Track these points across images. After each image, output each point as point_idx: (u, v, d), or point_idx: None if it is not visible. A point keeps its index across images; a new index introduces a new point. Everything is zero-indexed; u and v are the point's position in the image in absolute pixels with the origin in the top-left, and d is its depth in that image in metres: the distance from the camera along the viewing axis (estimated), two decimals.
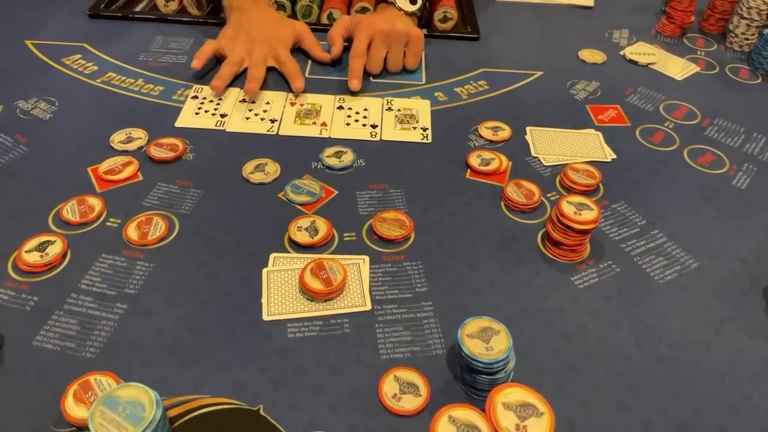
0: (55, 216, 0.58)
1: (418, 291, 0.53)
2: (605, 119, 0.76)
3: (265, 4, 0.86)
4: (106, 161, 0.64)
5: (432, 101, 0.78)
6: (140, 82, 0.78)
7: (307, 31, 0.85)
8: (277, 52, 0.79)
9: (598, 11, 1.03)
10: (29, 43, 0.84)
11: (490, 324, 0.44)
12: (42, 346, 0.47)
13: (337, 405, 0.44)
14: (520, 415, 0.41)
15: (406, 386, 0.45)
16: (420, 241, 0.58)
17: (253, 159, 0.66)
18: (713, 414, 0.45)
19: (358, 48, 0.78)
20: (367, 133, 0.71)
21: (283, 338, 0.49)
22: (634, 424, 0.44)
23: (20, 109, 0.72)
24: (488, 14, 0.99)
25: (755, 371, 0.48)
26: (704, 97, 0.81)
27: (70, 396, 0.42)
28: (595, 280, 0.55)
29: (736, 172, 0.68)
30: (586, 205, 0.55)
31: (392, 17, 0.81)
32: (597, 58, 0.88)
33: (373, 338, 0.49)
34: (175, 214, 0.59)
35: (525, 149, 0.70)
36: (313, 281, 0.51)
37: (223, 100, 0.75)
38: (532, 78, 0.84)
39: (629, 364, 0.48)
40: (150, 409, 0.37)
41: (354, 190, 0.63)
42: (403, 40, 0.80)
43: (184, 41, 0.87)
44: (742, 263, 0.57)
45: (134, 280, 0.52)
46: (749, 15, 0.90)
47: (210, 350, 0.47)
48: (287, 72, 0.78)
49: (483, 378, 0.43)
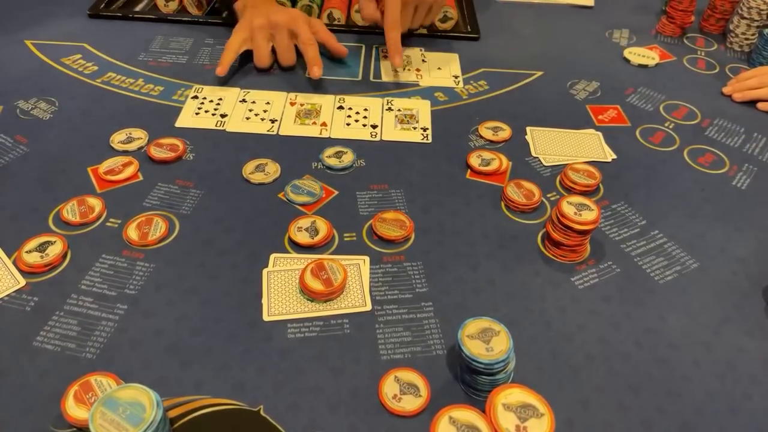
0: (55, 216, 0.58)
1: (419, 291, 0.53)
2: (605, 119, 0.76)
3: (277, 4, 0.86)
4: (106, 161, 0.64)
5: (432, 101, 0.78)
6: (140, 82, 0.78)
7: (323, 25, 0.83)
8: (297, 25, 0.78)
9: (598, 11, 1.03)
10: (29, 43, 0.84)
11: (491, 324, 0.44)
12: (42, 346, 0.47)
13: (337, 405, 0.44)
14: (520, 416, 0.41)
15: (406, 387, 0.45)
16: (420, 241, 0.58)
17: (253, 159, 0.66)
18: (713, 414, 0.45)
19: (394, 17, 0.74)
20: (367, 133, 0.71)
21: (284, 339, 0.49)
22: (634, 424, 0.44)
23: (20, 109, 0.72)
24: (488, 14, 0.99)
25: (755, 371, 0.48)
26: (704, 97, 0.81)
27: (70, 397, 0.42)
28: (595, 281, 0.55)
29: (736, 172, 0.68)
30: (586, 206, 0.55)
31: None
32: (647, 60, 0.87)
33: (374, 339, 0.49)
34: (176, 215, 0.59)
35: (525, 149, 0.70)
36: (314, 282, 0.51)
37: (223, 100, 0.75)
38: (532, 78, 0.84)
39: (629, 364, 0.48)
40: (150, 409, 0.37)
41: (354, 190, 0.63)
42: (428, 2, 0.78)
43: (184, 41, 0.87)
44: (742, 263, 0.57)
45: (134, 280, 0.52)
46: (749, 15, 0.90)
47: (210, 350, 0.47)
48: (307, 56, 0.78)
49: (483, 379, 0.43)
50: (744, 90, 0.80)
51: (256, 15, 0.79)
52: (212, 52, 0.85)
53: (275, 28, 0.79)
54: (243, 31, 0.79)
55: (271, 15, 0.79)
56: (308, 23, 0.81)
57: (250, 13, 0.80)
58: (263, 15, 0.79)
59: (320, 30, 0.82)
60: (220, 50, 0.85)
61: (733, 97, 0.81)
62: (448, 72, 0.83)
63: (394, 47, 0.76)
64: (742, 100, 0.80)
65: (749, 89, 0.80)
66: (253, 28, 0.78)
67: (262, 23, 0.78)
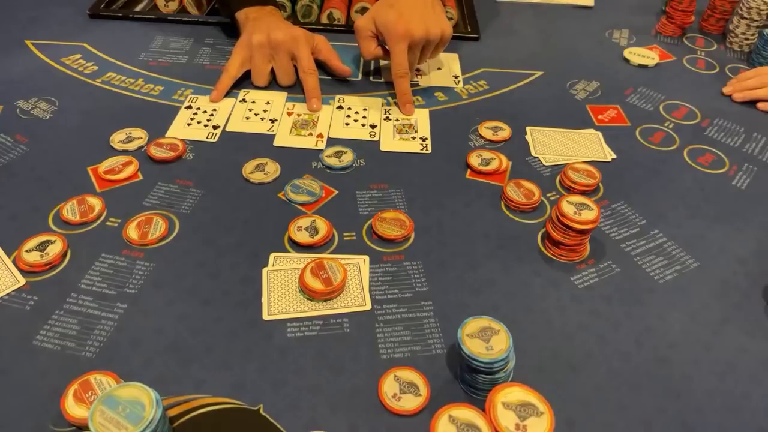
0: (55, 216, 0.58)
1: (418, 291, 0.53)
2: (605, 119, 0.76)
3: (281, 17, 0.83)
4: (106, 161, 0.64)
5: (432, 101, 0.78)
6: (140, 82, 0.78)
7: (326, 43, 0.81)
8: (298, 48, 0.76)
9: (598, 11, 1.03)
10: (29, 43, 0.84)
11: (490, 324, 0.44)
12: (42, 345, 0.47)
13: (336, 405, 0.44)
14: (520, 414, 0.41)
15: (406, 386, 0.45)
16: (420, 240, 0.58)
17: (253, 159, 0.66)
18: (713, 414, 0.45)
19: (402, 65, 0.72)
20: (366, 133, 0.71)
21: (283, 338, 0.49)
22: (633, 423, 0.44)
23: (20, 109, 0.72)
24: (488, 14, 0.99)
25: (755, 371, 0.48)
26: (704, 97, 0.81)
27: (70, 395, 0.42)
28: (595, 280, 0.55)
29: (736, 172, 0.68)
30: (586, 205, 0.55)
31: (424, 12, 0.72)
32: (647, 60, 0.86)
33: (373, 338, 0.49)
34: (175, 214, 0.59)
35: (525, 149, 0.70)
36: (313, 281, 0.51)
37: (217, 111, 0.73)
38: (532, 78, 0.84)
39: (629, 364, 0.48)
40: (150, 408, 0.37)
41: (354, 189, 0.63)
42: (435, 43, 0.75)
43: (184, 41, 0.87)
44: (742, 263, 0.57)
45: (134, 279, 0.52)
46: (749, 15, 0.90)
47: (210, 350, 0.47)
48: (306, 87, 0.75)
49: (483, 377, 0.43)
50: (744, 90, 0.80)
51: (257, 31, 0.76)
52: (212, 52, 0.85)
53: (275, 48, 0.76)
54: (242, 50, 0.77)
55: (271, 32, 0.75)
56: (310, 44, 0.78)
57: (251, 27, 0.77)
58: (263, 31, 0.76)
59: (323, 49, 0.80)
60: (220, 50, 0.85)
61: (733, 97, 0.81)
62: (448, 72, 0.83)
63: (405, 97, 0.74)
64: (742, 100, 0.80)
65: (749, 89, 0.80)
66: (252, 47, 0.76)
67: (262, 41, 0.75)
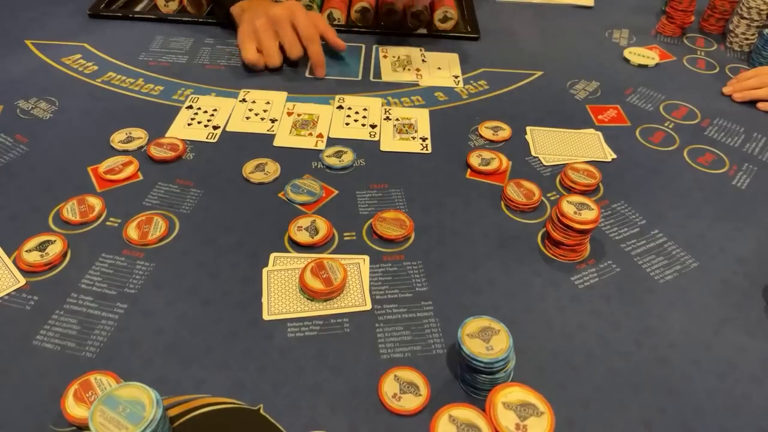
0: (55, 216, 0.58)
1: (418, 290, 0.53)
2: (605, 119, 0.76)
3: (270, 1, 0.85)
4: (106, 161, 0.64)
5: (432, 101, 0.78)
6: (140, 82, 0.78)
7: (320, 16, 0.83)
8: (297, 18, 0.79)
9: (598, 11, 1.03)
10: (29, 43, 0.84)
11: (490, 323, 0.44)
12: (42, 345, 0.47)
13: (337, 404, 0.44)
14: (520, 414, 0.41)
15: (406, 386, 0.45)
16: (420, 240, 0.58)
17: (253, 159, 0.66)
18: (713, 414, 0.45)
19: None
20: (366, 133, 0.71)
21: (283, 338, 0.49)
22: (634, 423, 0.44)
23: (20, 109, 0.72)
24: (488, 14, 0.99)
25: (755, 371, 0.48)
26: (704, 97, 0.81)
27: (70, 395, 0.42)
28: (595, 280, 0.55)
29: (736, 172, 0.68)
30: (586, 205, 0.55)
31: None
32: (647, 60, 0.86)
33: (373, 338, 0.49)
34: (176, 214, 0.59)
35: (525, 149, 0.70)
36: (314, 281, 0.51)
37: (218, 111, 0.73)
38: (532, 78, 0.84)
39: (629, 364, 0.48)
40: (150, 408, 0.37)
41: (354, 189, 0.63)
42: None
43: (184, 41, 0.87)
44: (742, 263, 0.57)
45: (134, 279, 0.52)
46: (749, 15, 0.90)
47: (210, 350, 0.47)
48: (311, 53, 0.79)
49: (483, 377, 0.43)
50: (744, 90, 0.80)
51: (255, 15, 0.79)
52: (212, 52, 0.85)
53: (277, 23, 0.79)
54: (249, 39, 0.79)
55: (269, 12, 0.79)
56: (307, 15, 0.80)
57: (249, 16, 0.80)
58: (262, 14, 0.79)
59: (319, 22, 0.82)
60: (220, 50, 0.85)
61: (733, 97, 0.81)
62: (448, 72, 0.83)
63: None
64: (742, 100, 0.80)
65: (749, 89, 0.80)
66: (257, 31, 0.79)
67: (263, 22, 0.78)
